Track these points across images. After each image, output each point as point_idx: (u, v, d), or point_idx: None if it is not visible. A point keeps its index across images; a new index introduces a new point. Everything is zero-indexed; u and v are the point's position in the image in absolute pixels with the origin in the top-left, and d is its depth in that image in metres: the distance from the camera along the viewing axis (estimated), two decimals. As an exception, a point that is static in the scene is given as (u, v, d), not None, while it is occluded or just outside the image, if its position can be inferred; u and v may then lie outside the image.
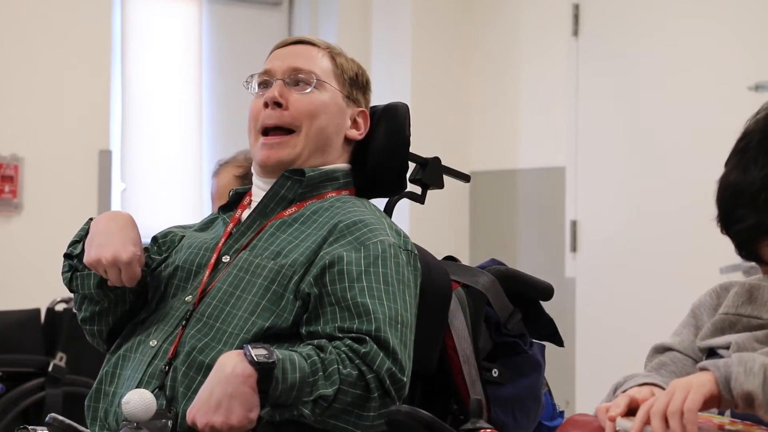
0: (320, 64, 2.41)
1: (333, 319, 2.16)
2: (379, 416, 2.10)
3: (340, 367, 2.08)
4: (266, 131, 2.38)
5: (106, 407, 2.26)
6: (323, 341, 2.13)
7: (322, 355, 2.09)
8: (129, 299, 2.38)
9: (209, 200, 3.28)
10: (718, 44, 5.06)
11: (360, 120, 2.44)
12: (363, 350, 2.10)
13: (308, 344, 2.13)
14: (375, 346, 2.10)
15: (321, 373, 2.07)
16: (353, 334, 2.12)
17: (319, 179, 2.38)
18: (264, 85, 2.42)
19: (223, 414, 2.04)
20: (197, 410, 2.06)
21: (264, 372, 2.03)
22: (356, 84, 2.45)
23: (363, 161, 2.45)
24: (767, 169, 1.90)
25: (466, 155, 5.96)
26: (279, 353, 2.06)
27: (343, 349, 2.11)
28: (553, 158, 5.68)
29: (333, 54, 2.44)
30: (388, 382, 2.10)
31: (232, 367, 2.05)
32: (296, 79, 2.39)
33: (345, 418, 2.10)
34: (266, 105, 2.37)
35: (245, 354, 2.05)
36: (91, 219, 2.40)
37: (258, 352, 2.04)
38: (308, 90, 2.38)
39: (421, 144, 2.55)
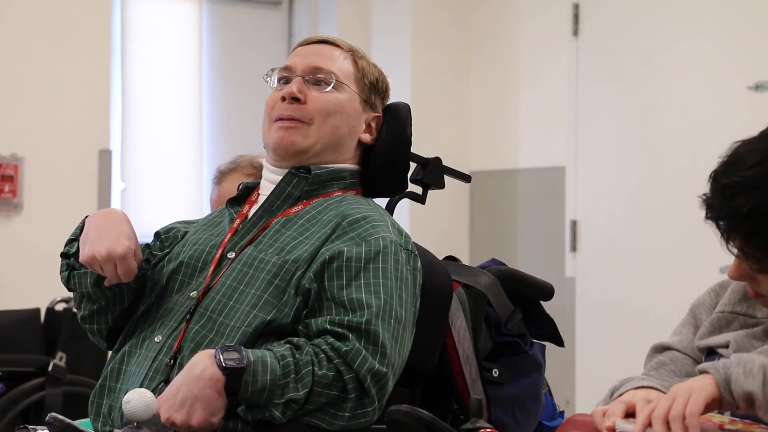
0: (341, 66, 2.42)
1: (329, 314, 2.16)
2: (354, 416, 2.10)
3: (315, 368, 2.08)
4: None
5: (111, 403, 2.26)
6: (301, 340, 2.13)
7: (297, 355, 2.10)
8: (128, 297, 2.39)
9: (209, 199, 3.25)
10: (718, 44, 5.06)
11: (373, 125, 2.45)
12: (344, 348, 2.10)
13: (287, 342, 2.14)
14: (357, 344, 2.10)
15: (293, 375, 2.08)
16: (339, 329, 2.12)
17: (326, 177, 2.38)
18: (284, 80, 2.43)
19: (185, 414, 2.06)
20: (163, 403, 2.08)
21: (232, 376, 2.05)
22: (376, 89, 2.46)
23: (365, 161, 2.45)
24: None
25: (466, 155, 5.96)
26: (252, 355, 2.07)
27: (324, 347, 2.11)
28: (553, 158, 5.68)
29: (355, 57, 2.45)
30: (368, 381, 2.09)
31: (201, 369, 2.07)
32: (316, 77, 2.40)
33: (320, 416, 2.10)
34: (284, 99, 2.38)
35: (215, 357, 2.06)
36: (86, 217, 2.41)
37: (228, 356, 2.06)
38: (327, 89, 2.39)
39: (421, 144, 2.55)
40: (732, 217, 1.92)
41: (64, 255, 2.41)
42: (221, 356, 2.06)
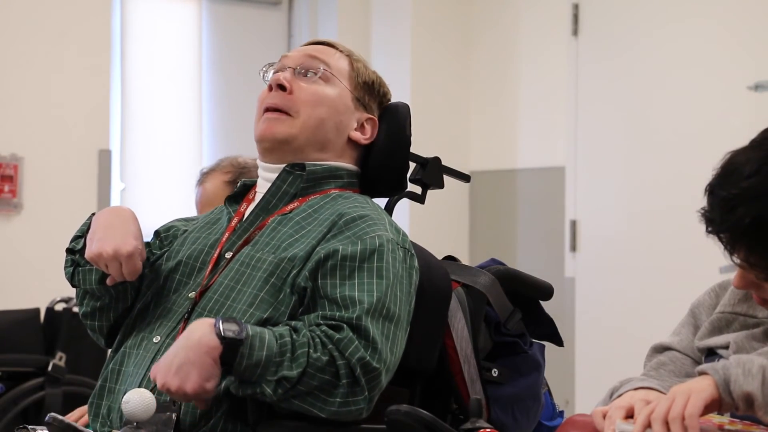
0: (335, 62, 2.43)
1: (321, 310, 2.17)
2: (345, 403, 2.10)
3: (311, 350, 2.08)
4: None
5: (110, 404, 2.27)
6: (299, 323, 2.14)
7: (294, 336, 2.10)
8: (130, 296, 2.39)
9: (195, 202, 3.26)
10: (718, 44, 5.06)
11: (368, 126, 2.44)
12: (337, 336, 2.10)
13: (286, 324, 2.14)
14: (351, 334, 2.10)
15: (288, 354, 2.08)
16: (333, 322, 2.12)
17: (322, 174, 2.38)
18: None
19: (180, 379, 2.06)
20: (159, 369, 2.09)
21: (229, 347, 2.05)
22: (370, 90, 2.45)
23: (364, 161, 2.45)
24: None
25: (465, 155, 5.96)
26: (251, 329, 2.07)
27: (318, 333, 2.11)
28: (552, 158, 5.68)
29: (352, 59, 2.45)
30: (359, 370, 2.09)
31: (199, 335, 2.07)
32: (306, 69, 2.40)
33: (310, 401, 2.10)
34: (270, 88, 2.39)
35: (215, 326, 2.06)
36: (93, 214, 2.41)
37: (228, 327, 2.06)
38: (314, 79, 2.39)
39: (420, 144, 2.55)
40: (734, 230, 1.92)
41: (69, 251, 2.42)
42: (221, 325, 2.06)
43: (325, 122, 2.38)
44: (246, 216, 2.38)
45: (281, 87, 2.38)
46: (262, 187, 2.41)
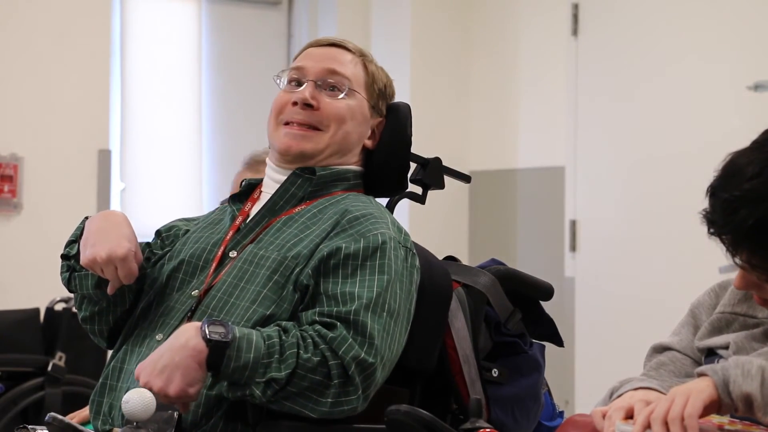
0: (353, 72, 2.42)
1: (320, 306, 2.17)
2: (337, 403, 2.10)
3: (301, 351, 2.09)
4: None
5: (111, 402, 2.27)
6: (290, 324, 2.14)
7: (284, 337, 2.10)
8: (129, 298, 2.39)
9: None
10: (718, 43, 5.06)
11: (377, 130, 2.46)
12: (330, 335, 2.10)
13: (276, 325, 2.14)
14: (344, 332, 2.10)
15: (277, 356, 2.08)
16: (327, 319, 2.12)
17: (330, 178, 2.39)
18: (295, 82, 2.43)
19: (164, 381, 2.06)
20: (144, 368, 2.09)
21: (215, 350, 2.05)
22: (383, 95, 2.46)
23: (365, 161, 2.46)
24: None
25: (465, 155, 5.96)
26: (238, 331, 2.07)
27: (310, 332, 2.11)
28: (552, 158, 5.68)
29: (366, 62, 2.45)
30: (353, 368, 2.09)
31: (186, 338, 2.07)
32: (329, 83, 2.40)
33: (301, 402, 2.10)
34: (295, 103, 2.38)
35: (201, 329, 2.06)
36: (86, 218, 2.41)
37: (214, 330, 2.06)
38: (340, 96, 2.39)
39: (420, 144, 2.55)
40: (736, 232, 1.92)
41: (64, 257, 2.42)
42: (207, 329, 2.06)
43: (350, 135, 2.40)
44: (251, 216, 2.38)
45: (308, 105, 2.37)
46: (268, 187, 2.41)
